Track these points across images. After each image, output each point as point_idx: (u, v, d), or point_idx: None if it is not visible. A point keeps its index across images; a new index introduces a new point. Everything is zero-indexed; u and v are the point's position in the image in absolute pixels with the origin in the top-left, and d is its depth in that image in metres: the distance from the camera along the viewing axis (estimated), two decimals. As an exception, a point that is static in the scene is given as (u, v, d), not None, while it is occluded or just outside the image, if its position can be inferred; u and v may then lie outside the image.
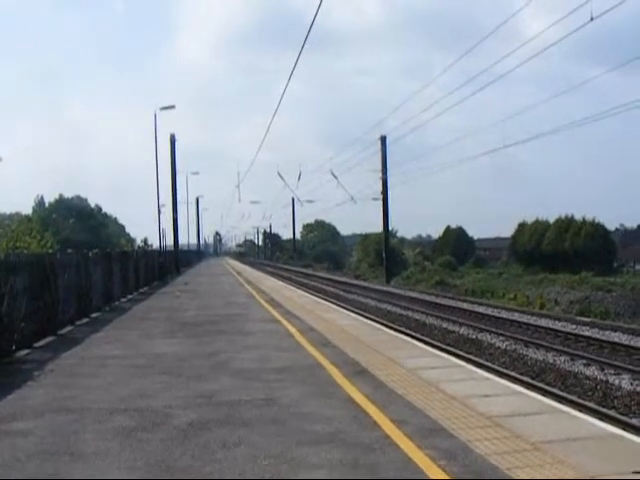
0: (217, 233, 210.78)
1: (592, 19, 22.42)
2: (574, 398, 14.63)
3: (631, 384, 15.98)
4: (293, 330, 17.50)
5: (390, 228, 71.27)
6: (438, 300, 40.89)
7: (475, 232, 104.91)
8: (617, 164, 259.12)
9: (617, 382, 16.26)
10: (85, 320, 21.45)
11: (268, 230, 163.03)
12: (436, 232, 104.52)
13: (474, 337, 24.43)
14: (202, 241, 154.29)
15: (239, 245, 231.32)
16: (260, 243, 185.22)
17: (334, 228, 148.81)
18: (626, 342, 22.36)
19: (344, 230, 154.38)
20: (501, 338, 23.57)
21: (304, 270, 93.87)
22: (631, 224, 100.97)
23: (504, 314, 32.11)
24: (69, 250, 24.55)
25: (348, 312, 24.83)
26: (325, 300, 32.45)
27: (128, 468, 6.82)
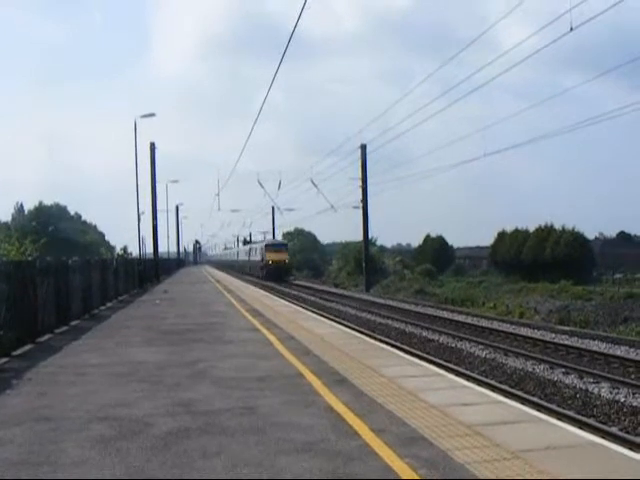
0: (197, 241, 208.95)
1: (572, 29, 22.58)
2: (553, 407, 14.67)
3: (610, 392, 16.06)
4: (273, 339, 17.48)
5: (370, 236, 71.45)
6: (418, 309, 40.96)
7: (455, 241, 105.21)
8: (598, 172, 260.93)
9: (596, 391, 16.33)
10: (64, 328, 21.34)
11: (248, 239, 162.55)
12: (416, 240, 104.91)
13: (454, 346, 24.49)
14: (182, 249, 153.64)
15: (276, 243, 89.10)
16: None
17: (314, 236, 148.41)
18: (605, 351, 22.46)
19: (324, 238, 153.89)
20: (481, 347, 23.63)
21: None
22: (610, 233, 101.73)
23: (484, 323, 32.20)
24: (48, 258, 24.43)
25: (328, 321, 24.82)
26: (305, 309, 32.41)
27: (107, 478, 6.79)
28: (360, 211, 62.07)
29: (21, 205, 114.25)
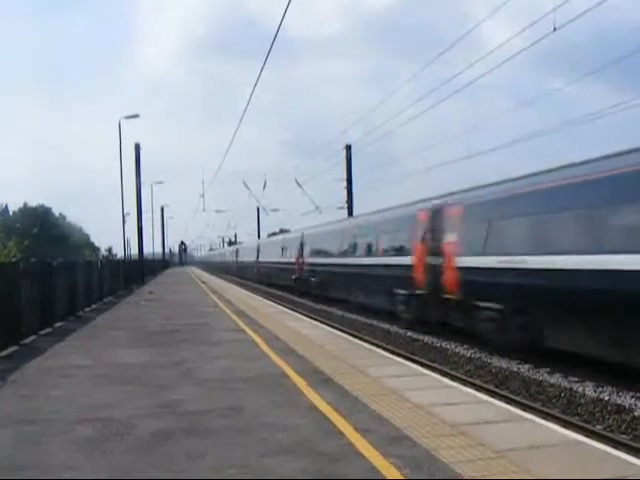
0: (182, 242, 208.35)
1: (555, 29, 22.61)
2: (538, 406, 14.69)
3: (595, 391, 16.09)
4: (258, 339, 17.47)
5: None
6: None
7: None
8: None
9: (581, 390, 16.35)
10: (49, 330, 21.26)
11: (233, 239, 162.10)
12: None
13: (438, 345, 24.48)
14: (167, 250, 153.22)
15: None
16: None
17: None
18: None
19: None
20: (465, 346, 23.64)
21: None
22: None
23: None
24: (32, 259, 24.36)
25: (313, 321, 24.83)
26: (290, 309, 32.41)
27: (92, 479, 6.77)
28: (345, 211, 61.92)
29: (6, 206, 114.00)
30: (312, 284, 46.08)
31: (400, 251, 28.69)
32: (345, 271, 37.17)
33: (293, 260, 52.14)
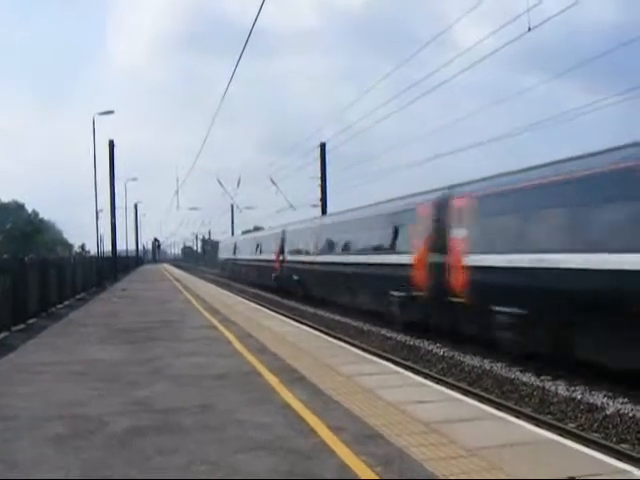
0: (155, 239, 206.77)
1: (530, 29, 22.70)
2: (511, 404, 14.75)
3: (567, 390, 16.17)
4: (231, 337, 17.45)
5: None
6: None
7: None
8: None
9: (553, 388, 16.42)
10: (21, 326, 21.10)
11: (207, 237, 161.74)
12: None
13: (412, 343, 24.52)
14: (141, 247, 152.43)
15: None
16: (199, 250, 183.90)
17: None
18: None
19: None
20: (438, 344, 23.70)
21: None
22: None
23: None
24: (5, 255, 24.17)
25: (286, 319, 24.85)
26: (264, 307, 32.37)
27: (63, 476, 6.72)
28: (319, 209, 61.76)
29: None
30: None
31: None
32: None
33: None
